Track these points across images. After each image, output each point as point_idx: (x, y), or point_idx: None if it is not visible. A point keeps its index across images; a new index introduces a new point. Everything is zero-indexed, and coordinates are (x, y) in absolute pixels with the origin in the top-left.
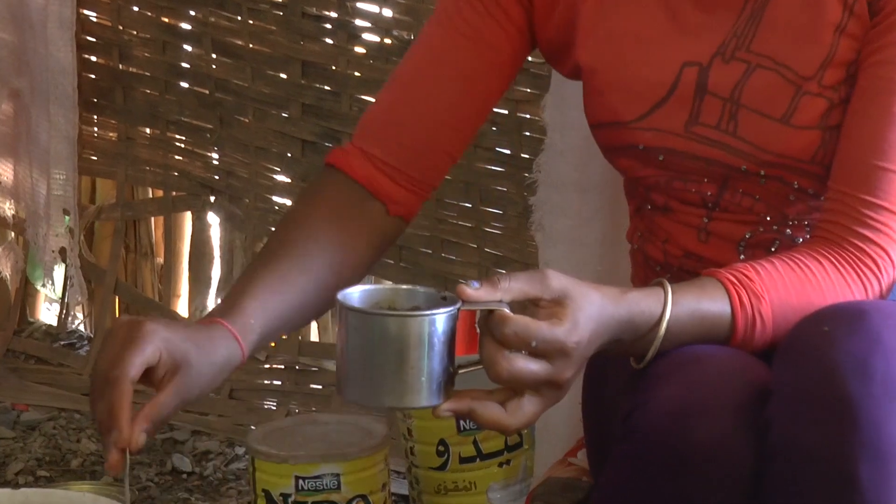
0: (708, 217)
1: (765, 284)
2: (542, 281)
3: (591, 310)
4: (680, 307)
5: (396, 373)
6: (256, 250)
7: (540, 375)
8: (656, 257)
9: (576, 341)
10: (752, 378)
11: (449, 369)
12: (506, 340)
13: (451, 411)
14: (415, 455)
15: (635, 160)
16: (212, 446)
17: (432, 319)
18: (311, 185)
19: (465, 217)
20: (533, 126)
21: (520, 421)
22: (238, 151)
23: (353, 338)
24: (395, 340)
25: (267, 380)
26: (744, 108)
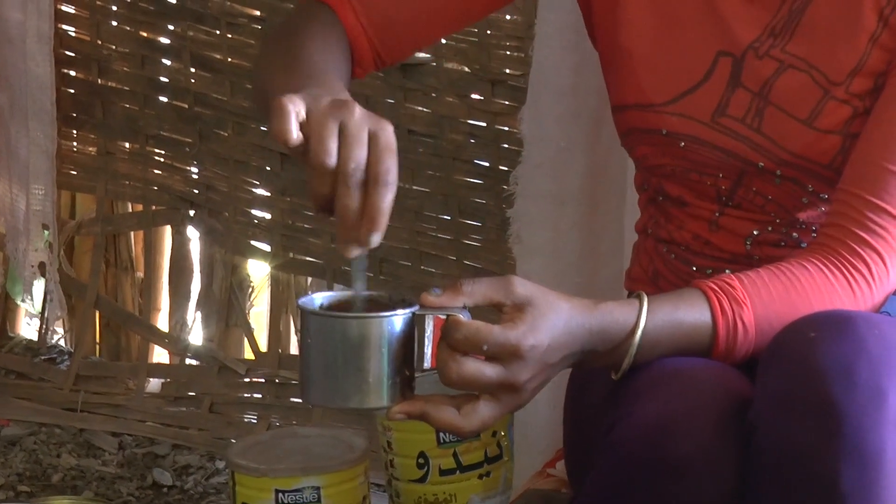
0: (720, 212)
1: (747, 291)
2: (506, 287)
3: (554, 317)
4: (656, 316)
5: (353, 374)
6: (236, 264)
7: (492, 379)
8: (665, 237)
9: (530, 345)
10: (732, 390)
11: (405, 372)
12: (457, 344)
13: (403, 413)
14: (395, 468)
15: (655, 147)
16: (192, 460)
17: (384, 322)
18: (304, 12)
19: (445, 229)
20: (511, 138)
21: (473, 424)
22: (217, 165)
23: (312, 341)
24: (351, 342)
25: (247, 393)
26: (771, 106)
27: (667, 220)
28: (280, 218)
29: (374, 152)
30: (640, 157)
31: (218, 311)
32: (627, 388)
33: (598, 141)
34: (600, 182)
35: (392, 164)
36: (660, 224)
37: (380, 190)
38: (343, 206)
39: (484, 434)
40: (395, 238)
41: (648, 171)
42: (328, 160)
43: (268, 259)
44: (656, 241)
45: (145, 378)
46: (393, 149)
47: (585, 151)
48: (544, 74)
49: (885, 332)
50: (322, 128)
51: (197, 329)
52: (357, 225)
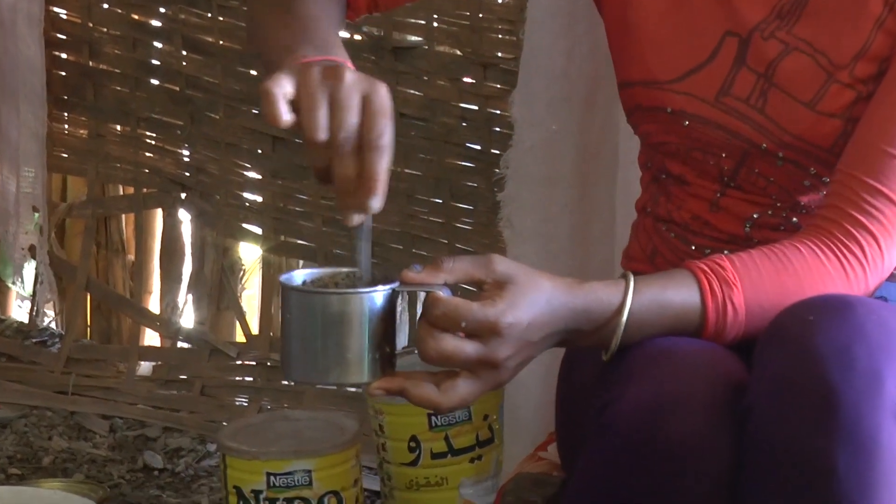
0: (721, 192)
1: (738, 273)
2: (486, 265)
3: (535, 295)
4: (643, 296)
5: (333, 350)
6: (227, 247)
7: (470, 356)
8: (664, 216)
9: (509, 322)
10: (725, 371)
11: (385, 349)
12: (435, 321)
13: (382, 389)
14: (386, 451)
15: (660, 124)
16: (183, 443)
17: (364, 297)
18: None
19: (436, 213)
20: (503, 122)
21: (452, 401)
22: (209, 148)
23: (293, 317)
24: (331, 317)
25: (239, 376)
26: (775, 87)
27: (667, 199)
28: (271, 201)
29: (366, 117)
30: (645, 134)
31: (209, 293)
32: (619, 369)
33: (589, 124)
34: (591, 165)
35: (385, 126)
36: (659, 203)
37: (373, 154)
38: (339, 174)
39: (476, 418)
40: (387, 221)
41: (652, 149)
42: (318, 134)
43: (259, 242)
44: (655, 219)
45: (136, 361)
46: (386, 111)
47: (576, 135)
48: (536, 58)
49: (884, 318)
50: (310, 101)
51: (188, 312)
52: (355, 192)
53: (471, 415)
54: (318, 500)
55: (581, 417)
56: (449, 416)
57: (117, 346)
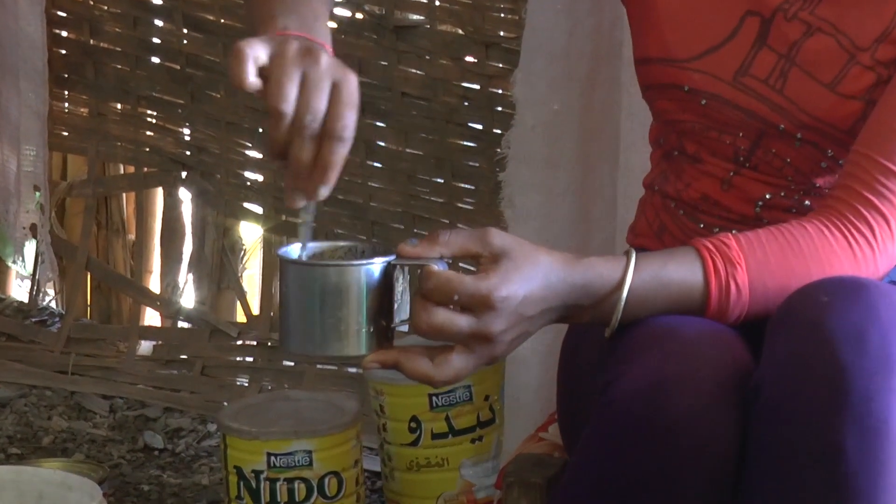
0: (735, 172)
1: (743, 252)
2: (482, 238)
3: (530, 269)
4: (643, 272)
5: (329, 322)
6: (228, 226)
7: (463, 329)
8: (672, 194)
9: (503, 295)
10: (729, 351)
11: (381, 322)
12: (428, 294)
13: (377, 362)
14: (387, 431)
15: (676, 102)
16: (184, 423)
17: (361, 270)
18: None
19: (437, 192)
20: (505, 101)
21: (447, 374)
22: (210, 127)
23: (290, 290)
24: (328, 290)
25: (239, 356)
26: (796, 68)
27: (677, 176)
28: (272, 180)
29: (333, 105)
30: (660, 111)
31: (210, 273)
32: (622, 346)
33: (591, 104)
34: (593, 145)
35: (350, 118)
36: (668, 180)
37: (334, 144)
38: (296, 155)
39: (476, 398)
40: (388, 201)
41: (667, 126)
42: (283, 105)
43: (260, 221)
44: (663, 197)
45: (137, 341)
46: (354, 103)
47: (579, 115)
48: (538, 37)
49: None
50: (282, 73)
51: (189, 292)
52: (308, 176)
53: (472, 395)
54: (318, 480)
55: (583, 397)
56: (450, 397)
57: (117, 326)
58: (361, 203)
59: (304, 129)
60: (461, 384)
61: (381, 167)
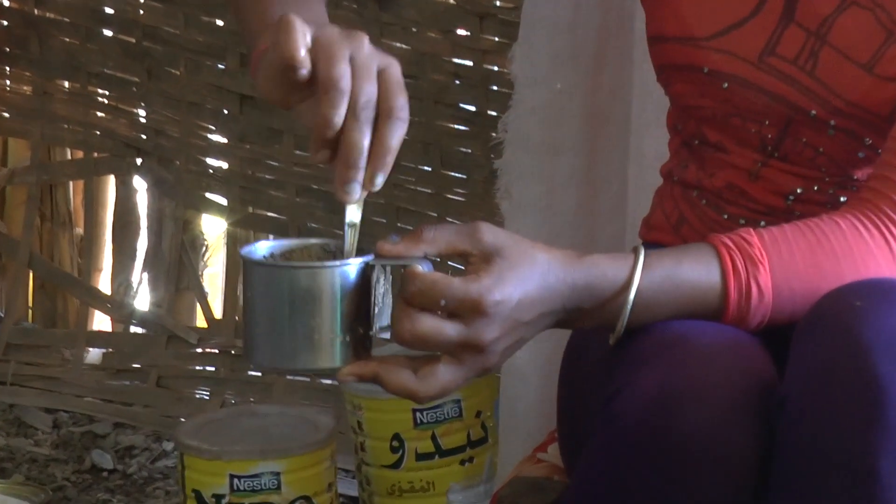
0: (763, 162)
1: (766, 249)
2: (472, 234)
3: (526, 270)
4: (653, 272)
5: (300, 331)
6: (188, 220)
7: (451, 337)
8: (693, 183)
9: (496, 300)
10: (748, 360)
11: (359, 330)
12: (411, 298)
13: (353, 375)
14: (365, 451)
15: (695, 85)
16: (136, 441)
17: (335, 272)
18: None
19: (424, 182)
20: (501, 80)
21: (432, 389)
22: (168, 108)
23: (256, 294)
24: (298, 295)
25: (199, 366)
26: (828, 47)
27: (699, 166)
28: (238, 167)
29: (384, 87)
30: (677, 95)
31: (167, 272)
32: (627, 354)
33: (598, 83)
34: (600, 129)
35: (404, 100)
36: (689, 170)
37: (392, 125)
38: (351, 141)
39: (467, 414)
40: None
41: (685, 112)
42: (343, 82)
43: (224, 214)
44: (684, 186)
45: (84, 347)
46: (403, 86)
47: (584, 95)
48: (539, 8)
49: None
50: (333, 51)
51: (143, 293)
52: (360, 164)
53: (461, 411)
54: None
55: (586, 413)
56: (437, 413)
57: (63, 331)
58: None
59: (360, 112)
60: (449, 398)
61: None
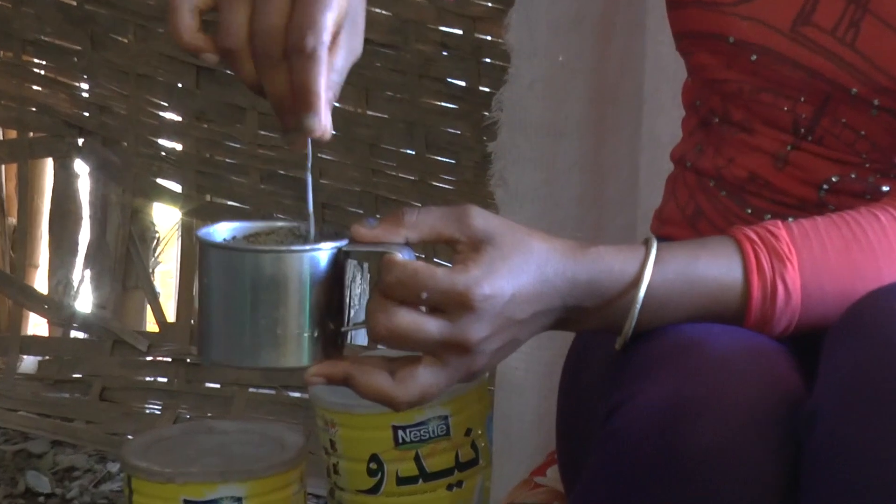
0: (794, 145)
1: (795, 244)
2: (460, 218)
3: (521, 260)
4: (667, 267)
5: (263, 324)
6: (137, 209)
7: (433, 335)
8: (710, 172)
9: (485, 294)
10: (772, 369)
11: (329, 325)
12: (390, 290)
13: (322, 376)
14: (339, 474)
15: (719, 57)
16: (77, 461)
17: (304, 258)
18: None
19: (407, 167)
20: (495, 51)
21: (411, 393)
22: (115, 81)
23: (213, 282)
24: (261, 283)
25: (149, 376)
26: (870, 15)
27: (716, 150)
28: (195, 149)
29: (295, 15)
30: (698, 67)
31: (112, 269)
32: (634, 361)
33: (605, 55)
34: (608, 107)
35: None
36: (705, 155)
37: (300, 61)
38: (270, 91)
39: (455, 432)
40: (343, 178)
41: (707, 86)
42: (228, 42)
43: (178, 203)
44: (699, 174)
45: (18, 355)
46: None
47: (591, 68)
48: None
49: None
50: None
51: (85, 292)
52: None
53: (449, 428)
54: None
55: (589, 429)
56: (420, 430)
57: None
58: None
59: (263, 59)
60: (435, 413)
61: (334, 134)
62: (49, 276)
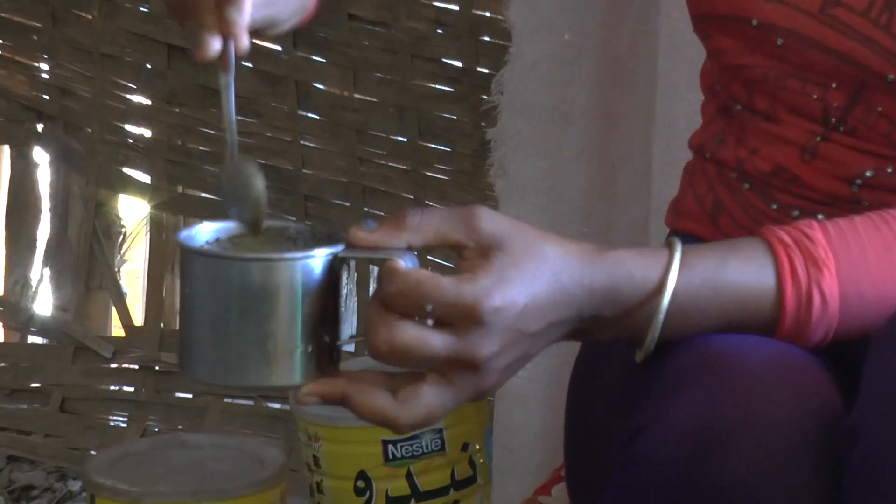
0: (824, 136)
1: (832, 247)
2: (467, 221)
3: (534, 267)
4: (693, 272)
5: (252, 339)
6: (102, 201)
7: (438, 352)
8: (731, 163)
9: (495, 306)
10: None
11: (324, 339)
12: (390, 301)
13: (316, 394)
14: (324, 493)
15: (742, 41)
16: (35, 479)
17: (296, 266)
18: None
19: (398, 155)
20: (495, 28)
21: (413, 415)
22: (77, 61)
23: (196, 292)
24: (250, 294)
25: (115, 385)
26: None
27: (738, 140)
28: (165, 136)
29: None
30: (718, 51)
31: (75, 267)
32: (658, 377)
33: (616, 33)
34: (619, 92)
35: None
36: (726, 145)
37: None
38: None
39: (451, 447)
40: (328, 167)
41: (728, 72)
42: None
43: (147, 194)
44: (719, 165)
45: None
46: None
47: (600, 48)
48: None
49: None
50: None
51: (44, 293)
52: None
53: (444, 443)
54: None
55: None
56: (413, 445)
57: None
58: (291, 170)
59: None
60: (429, 427)
61: (318, 119)
62: (5, 275)
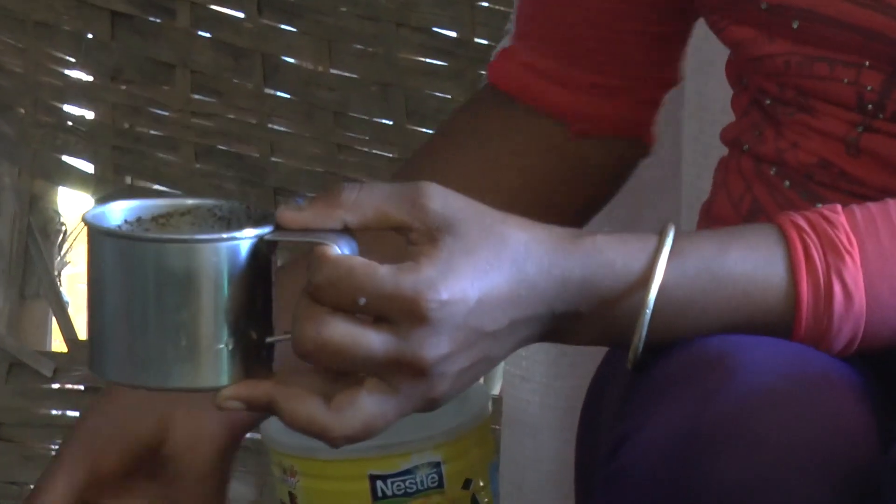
0: (864, 126)
1: (857, 232)
2: (414, 199)
3: (490, 254)
4: (686, 260)
5: (167, 334)
6: (38, 194)
7: (374, 352)
8: (771, 158)
9: (440, 299)
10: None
11: (252, 335)
12: (319, 292)
13: (237, 399)
14: None
15: (756, 28)
16: None
17: (218, 249)
18: None
19: (383, 141)
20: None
21: (350, 425)
22: (7, 30)
23: (107, 279)
24: (168, 281)
25: (56, 408)
26: None
27: (777, 132)
28: (110, 118)
29: None
30: (735, 43)
31: (7, 271)
32: (643, 383)
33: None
34: None
35: None
36: (765, 139)
37: None
38: None
39: (450, 484)
40: (301, 154)
41: (751, 66)
42: None
43: (90, 186)
44: (757, 160)
45: None
46: None
47: None
48: None
49: None
50: None
51: None
52: None
53: (442, 478)
54: None
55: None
56: (406, 481)
57: None
58: (258, 158)
59: None
60: (424, 460)
61: (289, 99)
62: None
